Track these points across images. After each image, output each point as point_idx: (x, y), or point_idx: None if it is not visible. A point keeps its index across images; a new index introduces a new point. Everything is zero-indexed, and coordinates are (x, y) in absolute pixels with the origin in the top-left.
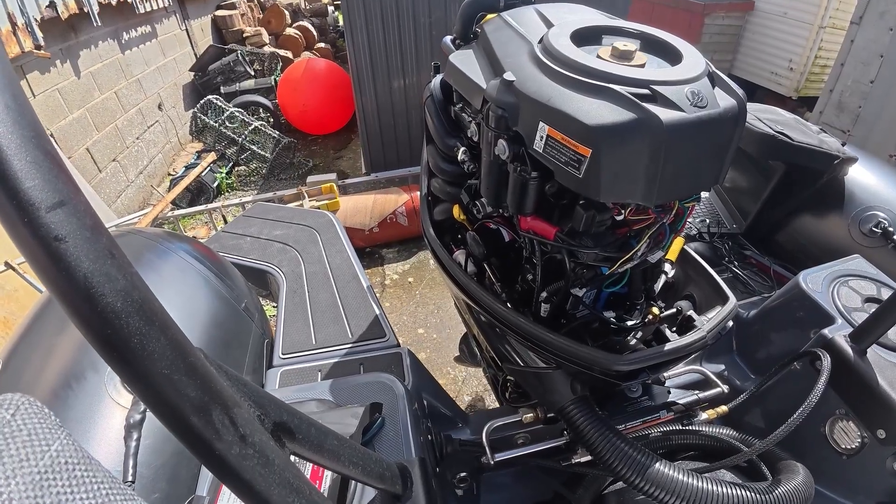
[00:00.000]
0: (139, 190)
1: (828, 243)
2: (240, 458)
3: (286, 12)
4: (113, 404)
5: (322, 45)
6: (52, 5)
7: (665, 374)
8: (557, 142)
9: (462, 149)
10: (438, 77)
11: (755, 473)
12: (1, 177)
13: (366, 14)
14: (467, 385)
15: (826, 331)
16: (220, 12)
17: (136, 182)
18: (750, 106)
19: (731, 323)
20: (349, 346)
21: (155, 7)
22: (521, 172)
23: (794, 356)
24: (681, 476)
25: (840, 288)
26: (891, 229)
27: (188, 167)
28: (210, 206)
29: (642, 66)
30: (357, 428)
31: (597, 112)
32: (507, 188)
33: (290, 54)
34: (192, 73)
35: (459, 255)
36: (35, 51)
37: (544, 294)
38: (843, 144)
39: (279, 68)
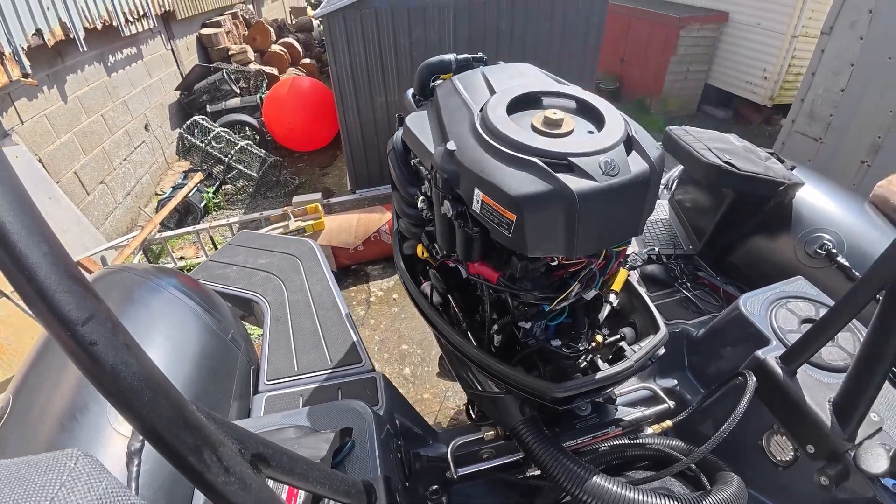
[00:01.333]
0: (127, 211)
1: (777, 263)
2: (225, 485)
3: (271, 29)
4: (114, 433)
5: (307, 60)
6: (38, 33)
7: (616, 392)
8: (490, 206)
9: (421, 197)
10: (401, 131)
11: (699, 483)
12: (49, 306)
13: (347, 35)
14: (450, 399)
15: (759, 352)
16: (205, 30)
17: (124, 203)
18: (702, 135)
19: (661, 350)
20: (328, 371)
21: (140, 29)
22: (464, 228)
23: (728, 376)
24: (616, 488)
25: (778, 310)
26: (834, 251)
27: (175, 187)
28: (198, 227)
29: (569, 132)
30: (328, 451)
31: (519, 183)
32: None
33: (275, 71)
34: (178, 93)
35: (426, 287)
36: (23, 79)
37: (496, 327)
38: (793, 169)
39: (264, 85)
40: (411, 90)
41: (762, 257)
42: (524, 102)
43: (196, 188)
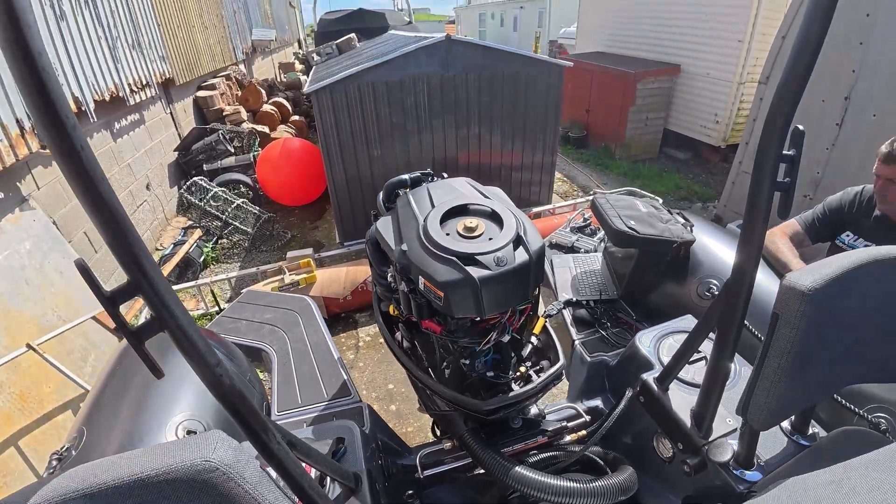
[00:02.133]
0: None
1: (680, 304)
2: (277, 451)
3: (262, 91)
4: None
5: (296, 117)
6: None
7: (546, 410)
8: (428, 287)
9: (390, 273)
10: (374, 227)
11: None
12: (203, 361)
13: (333, 105)
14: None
15: (644, 375)
16: (201, 93)
17: None
18: (617, 202)
19: (563, 373)
20: (325, 403)
21: (143, 98)
22: (415, 299)
23: (622, 395)
24: (532, 474)
25: (664, 342)
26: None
27: (176, 243)
28: (200, 281)
29: (481, 234)
30: (328, 451)
31: (443, 273)
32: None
33: (266, 129)
34: (177, 153)
35: (399, 336)
36: (41, 150)
37: (445, 363)
38: (692, 229)
39: (257, 143)
40: (381, 195)
41: (670, 299)
42: (453, 213)
43: (195, 244)
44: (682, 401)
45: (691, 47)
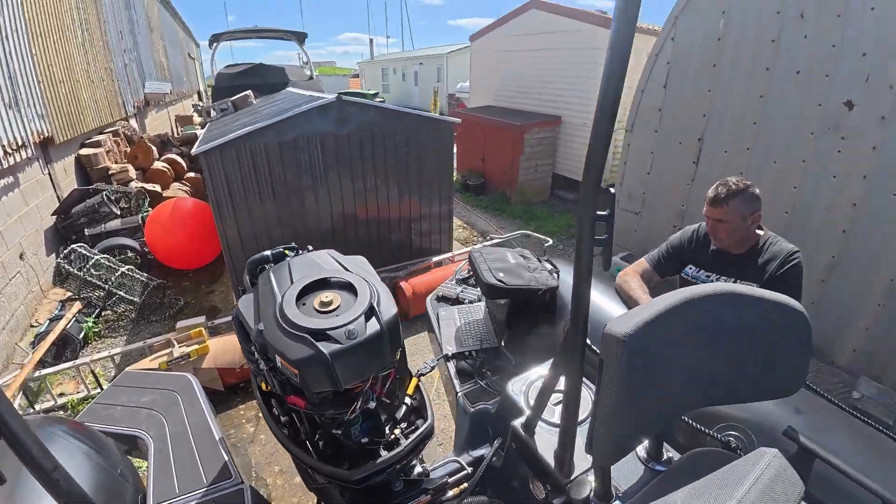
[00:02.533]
0: (2, 348)
1: (553, 345)
2: None
3: (153, 147)
4: None
5: (192, 174)
6: None
7: (430, 467)
8: (284, 365)
9: (256, 350)
10: (237, 304)
11: None
12: (40, 466)
13: (224, 165)
14: None
15: (513, 422)
16: (84, 151)
17: None
18: (489, 255)
19: (433, 433)
20: (204, 489)
21: (18, 160)
22: (276, 377)
23: (494, 442)
24: None
25: (533, 386)
26: None
27: (52, 319)
28: (78, 361)
29: (337, 308)
30: None
31: (295, 350)
32: None
33: (158, 188)
34: (55, 217)
35: (276, 410)
36: None
37: (317, 436)
38: (557, 275)
39: (146, 204)
40: (246, 272)
41: (544, 342)
42: (311, 289)
43: (74, 318)
44: (547, 443)
45: (569, 100)
